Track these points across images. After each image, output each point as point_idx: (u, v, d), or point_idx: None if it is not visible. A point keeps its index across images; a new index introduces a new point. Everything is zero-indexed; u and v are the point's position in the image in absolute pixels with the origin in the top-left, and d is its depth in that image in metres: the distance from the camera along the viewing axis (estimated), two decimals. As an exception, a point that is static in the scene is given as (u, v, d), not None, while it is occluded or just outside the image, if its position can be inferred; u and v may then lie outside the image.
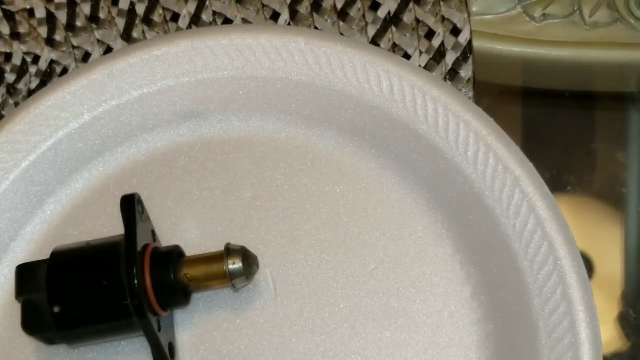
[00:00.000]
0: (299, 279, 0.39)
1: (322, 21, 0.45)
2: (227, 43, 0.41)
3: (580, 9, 0.46)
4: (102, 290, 0.34)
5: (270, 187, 0.41)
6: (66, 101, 0.41)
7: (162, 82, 0.41)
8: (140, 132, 0.42)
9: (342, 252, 0.39)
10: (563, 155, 0.46)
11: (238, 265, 0.36)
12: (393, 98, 0.40)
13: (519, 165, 0.38)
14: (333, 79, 0.41)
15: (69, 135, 0.41)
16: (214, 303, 0.39)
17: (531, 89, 0.48)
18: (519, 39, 0.46)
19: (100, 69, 0.41)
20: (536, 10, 0.46)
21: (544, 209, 0.37)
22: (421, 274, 0.39)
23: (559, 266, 0.36)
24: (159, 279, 0.35)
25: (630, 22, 0.46)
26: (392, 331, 0.38)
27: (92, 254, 0.36)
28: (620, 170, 0.45)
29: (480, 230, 0.38)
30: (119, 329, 0.36)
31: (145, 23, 0.46)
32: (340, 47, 0.41)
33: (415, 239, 0.39)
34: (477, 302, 0.38)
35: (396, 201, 0.40)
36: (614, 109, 0.48)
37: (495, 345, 0.37)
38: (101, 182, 0.41)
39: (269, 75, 0.41)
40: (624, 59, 0.46)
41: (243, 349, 0.38)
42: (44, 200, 0.41)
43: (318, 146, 0.41)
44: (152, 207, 0.40)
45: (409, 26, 0.45)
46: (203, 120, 0.42)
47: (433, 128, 0.40)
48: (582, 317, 0.35)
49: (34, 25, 0.46)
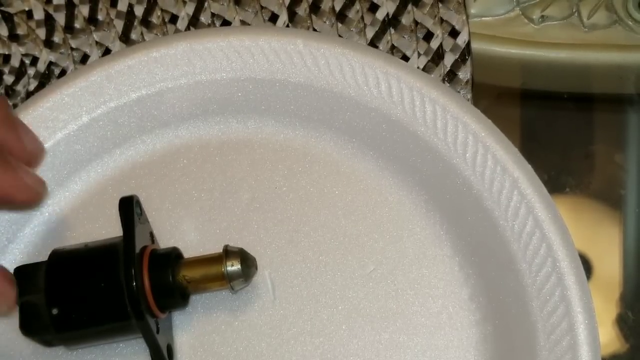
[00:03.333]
0: (298, 280, 0.39)
1: (320, 23, 0.45)
2: (226, 45, 0.41)
3: (579, 11, 0.46)
4: (101, 292, 0.34)
5: (269, 189, 0.41)
6: (65, 103, 0.41)
7: (160, 84, 0.41)
8: (139, 134, 0.42)
9: (340, 254, 0.39)
10: (562, 157, 0.46)
11: (237, 267, 0.36)
12: (392, 100, 0.40)
13: (518, 167, 0.38)
14: (332, 80, 0.41)
15: (68, 137, 0.41)
16: (213, 305, 0.39)
17: (530, 91, 0.48)
18: (518, 41, 0.46)
19: (98, 71, 0.41)
20: (535, 12, 0.46)
21: (542, 211, 0.37)
22: (420, 276, 0.39)
23: (557, 268, 0.36)
24: (157, 281, 0.35)
25: (628, 24, 0.46)
26: (391, 333, 0.38)
27: (90, 256, 0.36)
28: (619, 172, 0.45)
29: (479, 232, 0.38)
30: (117, 331, 0.36)
31: (143, 25, 0.46)
32: (339, 49, 0.41)
33: (413, 240, 0.39)
34: (475, 304, 0.38)
35: (395, 203, 0.40)
36: (613, 110, 0.48)
37: (493, 347, 0.37)
38: (100, 184, 0.41)
39: (267, 77, 0.41)
40: (623, 60, 0.46)
41: (242, 351, 0.38)
42: (42, 202, 0.41)
43: (317, 148, 0.41)
44: (151, 209, 0.40)
45: (407, 28, 0.45)
46: (202, 122, 0.42)
47: (432, 130, 0.40)
48: (580, 319, 0.35)
49: (32, 27, 0.46)
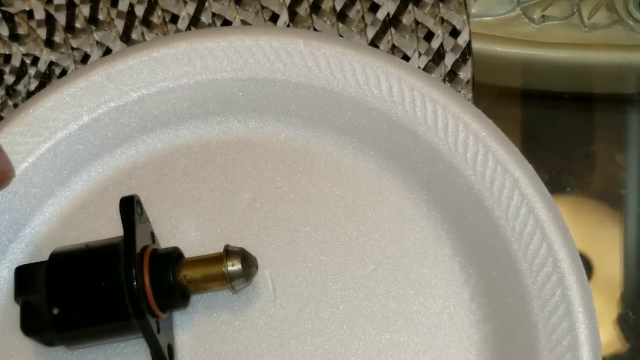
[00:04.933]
0: (298, 280, 0.39)
1: (321, 23, 0.45)
2: (227, 45, 0.41)
3: (580, 10, 0.46)
4: (102, 292, 0.34)
5: (270, 189, 0.41)
6: (65, 103, 0.41)
7: (161, 84, 0.41)
8: (140, 133, 0.42)
9: (341, 253, 0.39)
10: (562, 157, 0.46)
11: (237, 267, 0.36)
12: (392, 100, 0.40)
13: (519, 166, 0.38)
14: (332, 80, 0.41)
15: (68, 137, 0.41)
16: (213, 305, 0.39)
17: (530, 91, 0.48)
18: (518, 41, 0.46)
19: (99, 71, 0.41)
20: (535, 12, 0.46)
21: (543, 211, 0.37)
22: (420, 276, 0.39)
23: (558, 268, 0.36)
24: (158, 281, 0.35)
25: (629, 23, 0.46)
26: (392, 333, 0.38)
27: (91, 255, 0.36)
28: (620, 172, 0.45)
29: (480, 232, 0.38)
30: (118, 331, 0.36)
31: (144, 25, 0.46)
32: (340, 48, 0.41)
33: (414, 240, 0.39)
34: (476, 303, 0.38)
35: (395, 203, 0.40)
36: (613, 110, 0.48)
37: (494, 347, 0.37)
38: (100, 184, 0.41)
39: (268, 77, 0.41)
40: (623, 60, 0.46)
41: (242, 351, 0.38)
42: (43, 202, 0.41)
43: (317, 148, 0.41)
44: (152, 208, 0.40)
45: (408, 28, 0.45)
46: (202, 122, 0.42)
47: (432, 130, 0.39)
48: (581, 319, 0.35)
49: (33, 26, 0.46)
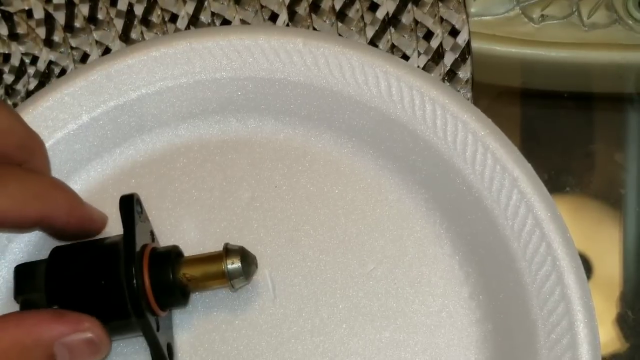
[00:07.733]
0: (298, 279, 0.39)
1: (320, 22, 0.45)
2: (226, 44, 0.41)
3: (579, 10, 0.46)
4: (101, 290, 0.34)
5: (269, 188, 0.41)
6: (64, 102, 0.41)
7: (160, 84, 0.41)
8: (139, 133, 0.42)
9: (340, 252, 0.39)
10: (562, 156, 0.46)
11: (237, 265, 0.36)
12: (391, 99, 0.40)
13: (518, 166, 0.38)
14: (331, 80, 0.41)
15: (68, 137, 0.41)
16: (213, 304, 0.39)
17: (530, 90, 0.48)
18: (518, 40, 0.46)
19: (98, 70, 0.41)
20: (535, 11, 0.46)
21: (542, 210, 0.37)
22: (420, 275, 0.39)
23: (557, 267, 0.36)
24: (157, 279, 0.35)
25: (628, 23, 0.46)
26: (391, 332, 0.38)
27: (91, 254, 0.36)
28: (619, 171, 0.45)
29: (479, 231, 0.38)
30: (118, 330, 0.36)
31: (143, 24, 0.46)
32: (339, 48, 0.41)
33: (413, 239, 0.39)
34: (475, 302, 0.38)
35: (395, 202, 0.40)
36: (613, 110, 0.48)
37: (494, 346, 0.37)
38: (100, 183, 0.41)
39: (267, 76, 0.41)
40: (623, 60, 0.46)
41: (242, 350, 0.38)
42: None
43: (316, 147, 0.41)
44: (151, 208, 0.40)
45: (407, 27, 0.45)
46: (202, 121, 0.42)
47: (431, 129, 0.40)
48: (580, 318, 0.35)
49: (32, 26, 0.46)
